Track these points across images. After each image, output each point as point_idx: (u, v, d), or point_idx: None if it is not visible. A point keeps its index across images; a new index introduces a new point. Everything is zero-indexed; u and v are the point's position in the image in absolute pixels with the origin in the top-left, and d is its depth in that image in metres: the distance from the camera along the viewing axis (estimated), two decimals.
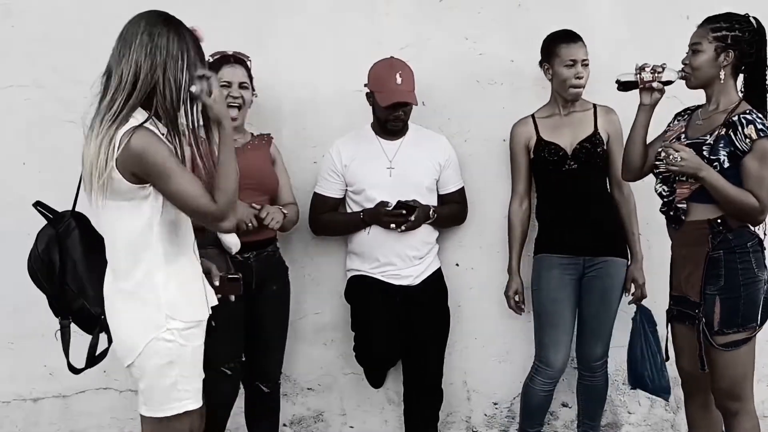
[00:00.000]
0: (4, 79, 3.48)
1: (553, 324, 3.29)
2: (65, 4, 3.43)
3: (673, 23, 3.55)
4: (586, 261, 3.29)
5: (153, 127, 2.18)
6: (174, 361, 2.24)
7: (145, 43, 2.17)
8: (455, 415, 3.74)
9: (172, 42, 2.19)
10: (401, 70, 3.22)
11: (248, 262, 3.09)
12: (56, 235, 2.37)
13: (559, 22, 3.37)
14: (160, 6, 3.11)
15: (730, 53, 2.71)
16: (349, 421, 3.74)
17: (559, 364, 3.28)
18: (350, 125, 3.48)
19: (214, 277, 2.49)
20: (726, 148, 2.67)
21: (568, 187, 3.29)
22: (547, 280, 3.31)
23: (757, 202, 2.65)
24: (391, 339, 3.26)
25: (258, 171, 3.14)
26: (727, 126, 2.69)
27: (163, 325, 2.22)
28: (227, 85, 3.08)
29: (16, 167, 3.45)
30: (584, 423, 3.53)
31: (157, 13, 2.24)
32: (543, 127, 3.33)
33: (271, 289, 3.19)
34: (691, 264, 2.77)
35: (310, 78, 3.54)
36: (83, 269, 2.36)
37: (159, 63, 2.17)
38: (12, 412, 3.61)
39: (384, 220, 3.23)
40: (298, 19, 3.54)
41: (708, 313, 2.71)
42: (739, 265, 2.69)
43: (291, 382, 3.63)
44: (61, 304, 2.39)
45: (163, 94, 2.17)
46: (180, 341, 2.25)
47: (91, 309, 2.35)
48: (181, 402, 2.28)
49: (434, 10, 3.57)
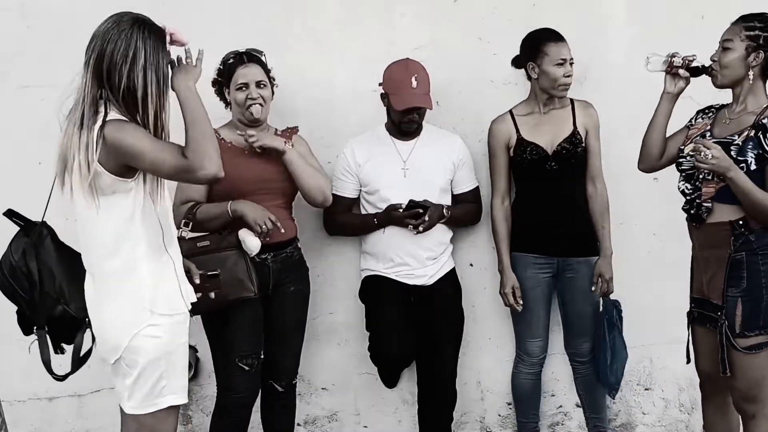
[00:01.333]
0: (21, 79, 3.50)
1: (527, 321, 3.41)
2: (81, 4, 3.44)
3: (688, 23, 3.55)
4: (561, 261, 3.34)
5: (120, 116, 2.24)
6: (160, 357, 2.29)
7: (95, 47, 2.24)
8: (469, 415, 3.74)
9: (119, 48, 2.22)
10: (417, 73, 3.22)
11: (266, 263, 3.09)
12: (31, 243, 2.41)
13: (574, 22, 3.37)
14: (176, 8, 3.15)
15: (761, 54, 2.67)
16: (363, 421, 3.75)
17: (537, 352, 3.44)
18: (365, 125, 3.49)
19: (194, 275, 2.53)
20: (754, 150, 2.64)
21: (547, 187, 3.31)
22: (523, 279, 3.36)
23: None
24: (406, 339, 3.26)
25: (277, 174, 3.13)
26: (757, 128, 2.65)
27: (146, 319, 2.27)
28: (244, 86, 3.08)
29: (32, 167, 3.46)
30: (592, 419, 3.55)
31: (119, 16, 2.29)
32: (523, 126, 3.33)
33: (288, 289, 3.19)
34: (713, 266, 2.74)
35: (324, 78, 3.55)
36: (60, 274, 2.40)
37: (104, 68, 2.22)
38: (28, 412, 3.62)
39: (401, 221, 3.23)
40: (314, 20, 3.55)
41: (730, 315, 2.68)
42: (761, 267, 2.66)
43: (305, 382, 3.63)
44: (40, 312, 2.41)
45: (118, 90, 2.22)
46: (165, 337, 2.30)
47: (73, 312, 2.39)
48: (164, 398, 2.33)
49: (448, 10, 3.57)
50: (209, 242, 2.96)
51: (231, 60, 3.12)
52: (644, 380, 3.73)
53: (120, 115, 2.23)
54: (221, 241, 2.98)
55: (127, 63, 2.21)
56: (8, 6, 3.48)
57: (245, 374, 3.04)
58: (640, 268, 3.54)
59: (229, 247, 2.97)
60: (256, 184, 3.07)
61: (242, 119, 3.15)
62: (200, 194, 3.07)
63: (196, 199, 3.05)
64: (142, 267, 2.29)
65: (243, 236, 2.96)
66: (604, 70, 3.56)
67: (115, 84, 2.22)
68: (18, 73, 3.50)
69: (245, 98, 3.08)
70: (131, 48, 2.21)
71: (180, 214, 2.98)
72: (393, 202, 3.28)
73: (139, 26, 2.25)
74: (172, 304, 2.34)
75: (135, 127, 2.22)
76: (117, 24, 2.24)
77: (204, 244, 2.95)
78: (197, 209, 3.00)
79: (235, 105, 3.12)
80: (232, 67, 3.10)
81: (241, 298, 2.95)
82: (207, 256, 2.89)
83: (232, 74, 3.09)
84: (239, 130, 3.13)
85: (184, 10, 3.48)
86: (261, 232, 2.97)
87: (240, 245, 2.97)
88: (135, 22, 2.26)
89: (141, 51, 2.22)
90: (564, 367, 3.63)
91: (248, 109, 3.09)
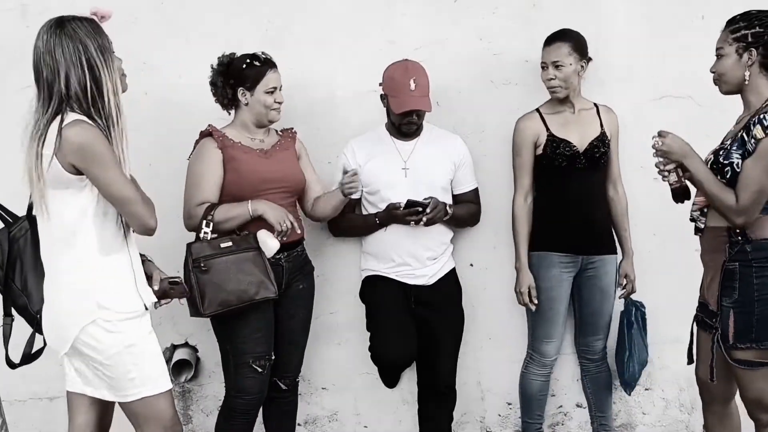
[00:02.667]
0: (21, 80, 3.45)
1: (547, 319, 3.39)
2: (81, 4, 3.43)
3: (689, 23, 3.56)
4: (584, 260, 3.35)
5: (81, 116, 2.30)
6: (121, 352, 2.36)
7: (46, 62, 2.31)
8: (469, 415, 3.74)
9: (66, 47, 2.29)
10: (415, 75, 3.19)
11: (280, 262, 3.11)
12: (8, 236, 2.54)
13: (575, 21, 3.36)
14: (176, 10, 3.14)
15: (753, 51, 2.61)
16: (363, 421, 3.75)
17: (552, 353, 3.43)
18: (365, 125, 3.48)
19: (154, 282, 2.56)
20: (738, 151, 2.58)
21: (574, 185, 3.31)
22: (547, 278, 3.36)
23: (734, 203, 2.55)
24: (406, 340, 3.26)
25: (287, 174, 3.15)
26: (744, 128, 2.60)
27: (94, 313, 2.34)
28: (273, 90, 3.10)
29: None
30: (597, 417, 3.56)
31: (47, 24, 2.36)
32: (552, 124, 3.33)
33: (297, 288, 3.21)
34: (712, 270, 2.71)
35: (325, 77, 3.55)
36: (29, 269, 2.51)
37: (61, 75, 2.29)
38: (28, 412, 3.62)
39: (401, 219, 3.23)
40: (314, 19, 3.55)
41: (724, 325, 2.63)
42: (755, 280, 2.57)
43: (305, 382, 3.63)
44: (7, 300, 2.56)
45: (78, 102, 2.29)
46: (125, 331, 2.37)
47: (31, 308, 2.51)
48: (137, 389, 2.41)
49: (449, 10, 3.57)
50: (231, 243, 2.97)
51: (257, 63, 3.09)
52: (644, 380, 3.72)
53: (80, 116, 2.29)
54: (242, 241, 2.98)
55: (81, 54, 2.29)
56: (8, 6, 3.48)
57: (258, 376, 3.05)
58: (641, 268, 3.54)
59: (249, 248, 2.97)
60: (271, 183, 3.08)
61: (261, 121, 3.15)
62: (215, 195, 3.06)
63: (211, 200, 3.04)
64: (93, 263, 2.35)
65: (263, 238, 2.97)
66: (604, 70, 3.56)
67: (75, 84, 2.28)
68: (18, 74, 3.48)
69: (274, 101, 3.10)
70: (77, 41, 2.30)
71: (197, 215, 2.99)
72: (394, 201, 3.28)
73: (69, 21, 2.33)
74: (125, 301, 2.40)
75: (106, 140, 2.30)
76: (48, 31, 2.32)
77: (227, 245, 2.95)
78: (215, 210, 3.00)
79: (261, 107, 3.10)
80: (261, 71, 3.08)
81: (265, 298, 2.97)
82: (230, 257, 2.90)
83: (261, 77, 3.07)
84: (249, 133, 3.16)
85: (184, 10, 3.48)
86: (281, 231, 2.98)
87: (258, 246, 2.98)
88: (63, 21, 2.34)
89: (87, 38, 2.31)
90: (564, 367, 3.64)
91: (275, 111, 3.13)
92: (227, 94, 3.12)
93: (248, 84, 3.08)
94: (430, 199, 3.22)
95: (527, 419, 3.54)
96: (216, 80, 3.13)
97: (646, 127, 2.99)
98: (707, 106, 3.46)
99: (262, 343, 3.06)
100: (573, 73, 3.25)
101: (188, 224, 3.05)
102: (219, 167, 3.06)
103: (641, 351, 3.43)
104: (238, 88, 3.09)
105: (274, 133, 3.28)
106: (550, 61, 3.25)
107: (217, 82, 3.12)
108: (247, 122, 3.16)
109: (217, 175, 3.05)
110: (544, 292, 3.35)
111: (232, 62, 3.10)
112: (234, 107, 3.18)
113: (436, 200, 3.23)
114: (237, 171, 3.06)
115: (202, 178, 3.05)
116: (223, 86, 3.11)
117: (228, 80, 3.10)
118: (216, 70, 3.12)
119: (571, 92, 3.30)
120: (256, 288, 2.94)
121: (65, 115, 2.27)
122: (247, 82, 3.08)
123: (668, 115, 3.52)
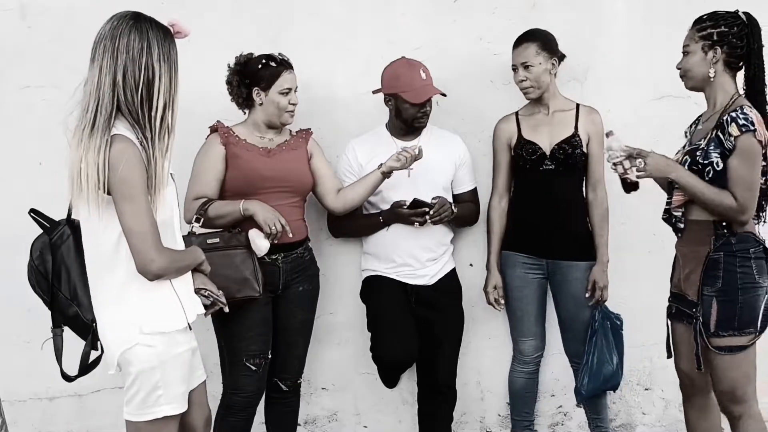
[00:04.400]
0: (21, 79, 3.50)
1: (518, 318, 3.45)
2: (81, 4, 3.45)
3: (688, 23, 3.53)
4: (550, 264, 3.36)
5: (132, 135, 2.17)
6: (155, 367, 2.24)
7: (106, 47, 2.18)
8: (469, 415, 3.74)
9: (132, 42, 2.17)
10: (421, 67, 3.23)
11: (276, 263, 3.11)
12: (50, 243, 2.39)
13: (574, 22, 3.37)
14: (175, 8, 3.14)
15: (718, 50, 2.70)
16: (363, 421, 3.75)
17: (530, 351, 3.47)
18: (365, 125, 3.49)
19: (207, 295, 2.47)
20: (716, 150, 2.65)
21: (543, 187, 3.32)
22: (511, 277, 3.41)
23: (734, 203, 2.63)
24: (407, 341, 3.26)
25: (289, 173, 3.15)
26: (717, 127, 2.67)
27: (135, 339, 2.22)
28: (288, 91, 3.11)
29: (32, 167, 3.46)
30: (593, 419, 3.55)
31: (123, 14, 2.24)
32: (525, 126, 3.36)
33: (297, 289, 3.20)
34: (692, 262, 2.76)
35: (325, 78, 3.55)
36: (77, 276, 2.37)
37: (119, 65, 2.16)
38: (28, 411, 3.62)
39: (406, 219, 3.23)
40: (314, 20, 3.55)
41: (705, 314, 2.69)
42: (738, 269, 2.66)
43: (305, 382, 3.62)
44: (55, 311, 2.41)
45: (125, 97, 2.17)
46: (160, 347, 2.25)
47: (83, 316, 2.36)
48: (160, 407, 2.28)
49: (449, 10, 3.58)
50: (219, 240, 2.98)
51: (273, 63, 3.10)
52: (644, 380, 3.73)
53: (125, 129, 2.18)
54: (231, 239, 2.99)
55: (143, 54, 2.17)
56: (8, 6, 3.48)
57: (253, 374, 3.07)
58: (641, 267, 3.54)
59: (238, 246, 2.99)
60: (272, 182, 3.09)
61: (273, 122, 3.16)
62: (213, 191, 3.09)
63: (209, 195, 3.07)
64: (134, 285, 2.23)
65: (253, 237, 2.98)
66: (604, 70, 3.55)
67: (133, 78, 2.16)
68: (18, 74, 3.50)
69: (288, 103, 3.11)
70: (145, 39, 2.18)
71: (192, 209, 3.02)
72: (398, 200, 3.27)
73: (145, 19, 2.23)
74: (167, 320, 2.28)
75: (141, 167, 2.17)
76: (122, 20, 2.20)
77: (214, 242, 2.96)
78: (209, 206, 3.02)
79: (274, 108, 3.11)
80: (276, 71, 3.09)
81: (245, 297, 2.96)
82: (216, 254, 2.89)
83: (276, 78, 3.08)
84: (259, 132, 3.17)
85: (184, 10, 3.47)
86: (270, 233, 2.98)
87: (249, 245, 2.99)
88: (140, 16, 2.23)
89: (153, 41, 2.19)
90: (564, 368, 3.63)
91: (289, 113, 3.13)
92: (242, 94, 3.14)
93: (263, 84, 3.09)
94: (438, 199, 3.23)
95: (515, 416, 3.57)
96: (231, 79, 3.14)
97: (647, 127, 3.00)
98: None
99: (256, 342, 3.07)
100: (543, 72, 3.25)
101: (185, 217, 3.05)
102: (220, 163, 3.09)
103: (602, 363, 3.28)
104: (253, 88, 3.11)
105: (288, 133, 3.28)
106: (519, 63, 3.26)
107: (233, 82, 3.14)
108: (259, 122, 3.18)
109: (217, 170, 3.09)
110: (512, 291, 3.42)
111: (249, 62, 3.12)
112: (248, 107, 3.19)
113: (443, 199, 3.24)
114: (237, 168, 3.09)
115: (202, 172, 3.09)
116: (238, 85, 3.13)
117: (243, 80, 3.11)
118: (232, 69, 3.13)
119: (544, 92, 3.30)
120: (238, 286, 2.93)
121: (114, 121, 2.16)
122: (262, 82, 3.09)
123: (668, 115, 3.52)
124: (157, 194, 2.20)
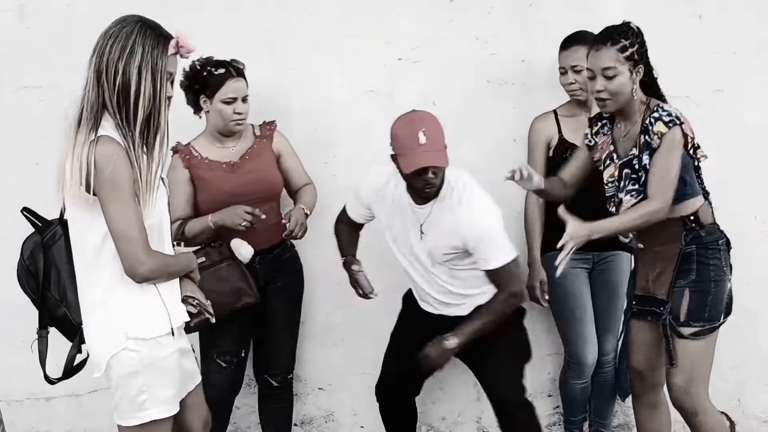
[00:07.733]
0: (19, 80, 3.52)
1: (578, 318, 3.32)
2: (80, 5, 3.45)
3: (686, 22, 3.55)
4: (596, 256, 3.33)
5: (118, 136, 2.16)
6: (138, 372, 2.22)
7: (98, 45, 2.19)
8: (465, 415, 3.74)
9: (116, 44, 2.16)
10: (424, 127, 2.74)
11: (253, 265, 3.11)
12: (41, 243, 2.38)
13: (572, 21, 3.36)
14: (172, 10, 3.14)
15: (641, 67, 2.69)
16: (360, 421, 3.75)
17: (590, 359, 3.31)
18: (362, 125, 3.49)
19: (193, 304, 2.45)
20: (646, 153, 2.66)
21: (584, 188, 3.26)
22: (563, 275, 3.22)
23: (652, 206, 2.62)
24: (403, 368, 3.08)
25: (258, 183, 3.13)
26: (643, 131, 2.67)
27: (122, 344, 2.20)
28: (233, 100, 3.05)
29: (30, 167, 3.47)
30: (595, 422, 3.53)
31: (126, 17, 2.23)
32: (565, 127, 3.33)
33: (276, 284, 3.21)
34: (661, 263, 2.76)
35: (321, 78, 3.55)
36: (66, 277, 2.35)
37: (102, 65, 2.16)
38: (25, 411, 3.63)
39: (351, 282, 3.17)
40: (310, 19, 3.55)
41: (675, 306, 2.70)
42: (711, 261, 2.69)
43: (302, 382, 3.64)
44: (43, 312, 2.40)
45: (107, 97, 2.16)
46: (144, 351, 2.22)
47: (72, 318, 2.34)
48: (146, 411, 2.25)
49: (445, 10, 3.57)
50: (205, 258, 2.97)
51: (219, 71, 3.04)
52: None
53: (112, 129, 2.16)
54: (216, 254, 3.01)
55: (123, 58, 2.14)
56: (7, 6, 3.50)
57: (222, 370, 3.10)
58: None
59: (224, 260, 3.00)
60: (242, 197, 3.07)
61: (223, 131, 3.13)
62: (186, 212, 3.11)
63: (182, 217, 3.09)
64: (120, 288, 2.21)
65: (236, 246, 3.01)
66: None
67: (110, 80, 2.15)
68: (17, 74, 3.51)
69: (232, 112, 3.06)
70: (129, 44, 2.15)
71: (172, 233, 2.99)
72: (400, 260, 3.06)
73: (141, 26, 2.20)
74: (152, 326, 2.24)
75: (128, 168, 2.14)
76: (120, 23, 2.21)
77: (200, 261, 2.88)
78: (184, 227, 3.05)
79: (219, 117, 3.07)
80: (221, 79, 3.03)
81: (245, 304, 3.00)
82: (205, 272, 2.85)
83: (220, 86, 3.03)
84: (219, 142, 3.16)
85: (183, 10, 3.48)
86: (248, 227, 2.98)
87: (233, 255, 3.00)
88: (138, 22, 2.21)
89: (138, 47, 2.16)
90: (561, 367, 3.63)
91: (234, 123, 3.09)
92: (190, 100, 3.12)
93: (208, 92, 3.05)
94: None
95: (570, 416, 3.51)
96: (182, 83, 3.08)
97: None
98: (706, 106, 3.45)
99: (227, 339, 3.08)
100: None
101: None
102: (187, 185, 3.11)
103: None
104: (200, 95, 3.08)
105: (251, 134, 3.23)
106: (569, 66, 3.23)
107: (182, 86, 3.08)
108: (213, 131, 3.16)
109: (186, 193, 3.11)
110: (564, 289, 3.30)
111: (198, 67, 3.06)
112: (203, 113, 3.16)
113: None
114: (206, 190, 3.11)
115: (172, 196, 3.00)
116: (187, 91, 3.09)
117: (193, 85, 3.08)
118: (183, 72, 3.06)
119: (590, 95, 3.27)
120: (235, 297, 2.97)
121: (102, 120, 2.16)
122: (207, 89, 3.05)
123: None
124: (145, 197, 2.18)
